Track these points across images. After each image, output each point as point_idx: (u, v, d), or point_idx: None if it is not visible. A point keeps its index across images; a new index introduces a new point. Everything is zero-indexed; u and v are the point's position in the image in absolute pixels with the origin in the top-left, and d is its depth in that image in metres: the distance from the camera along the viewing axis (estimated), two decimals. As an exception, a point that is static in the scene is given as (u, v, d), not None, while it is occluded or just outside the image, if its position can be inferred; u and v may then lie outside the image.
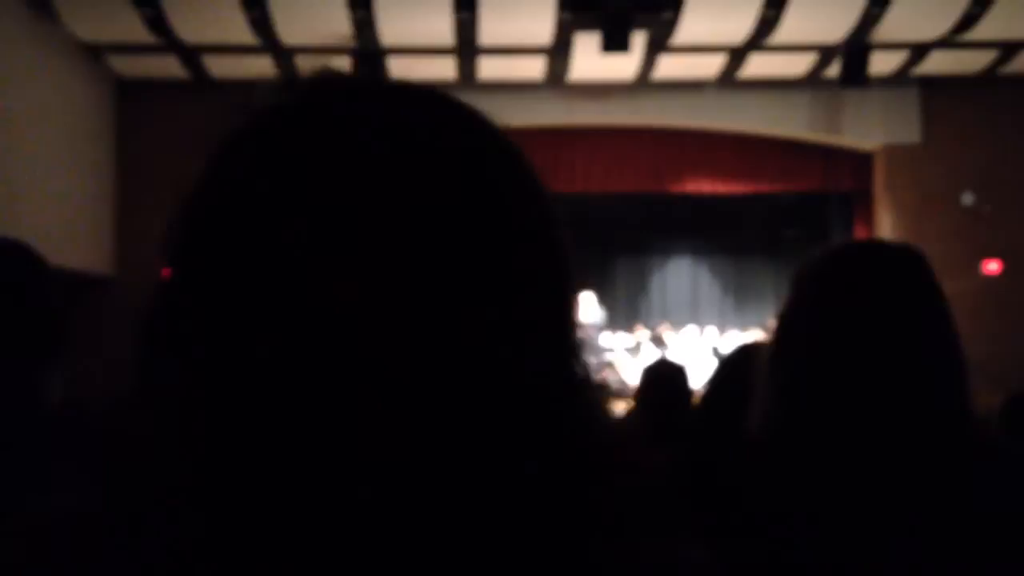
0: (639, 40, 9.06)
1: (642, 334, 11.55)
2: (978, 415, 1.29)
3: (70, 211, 9.16)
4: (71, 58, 9.30)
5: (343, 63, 10.21)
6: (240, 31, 8.85)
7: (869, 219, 11.49)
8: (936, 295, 1.27)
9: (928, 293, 1.27)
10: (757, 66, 10.11)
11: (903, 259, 1.29)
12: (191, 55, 9.68)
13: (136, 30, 8.78)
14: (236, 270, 0.51)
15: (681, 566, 0.59)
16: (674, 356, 9.22)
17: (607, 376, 10.11)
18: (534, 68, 9.95)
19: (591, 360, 0.58)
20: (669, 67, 10.13)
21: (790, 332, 1.30)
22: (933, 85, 10.76)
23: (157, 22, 8.60)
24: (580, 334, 0.56)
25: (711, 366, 3.03)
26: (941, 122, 10.89)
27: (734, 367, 2.27)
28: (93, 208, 9.92)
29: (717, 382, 2.34)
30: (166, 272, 0.53)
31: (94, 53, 9.63)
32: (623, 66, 9.87)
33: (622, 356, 11.01)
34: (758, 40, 9.31)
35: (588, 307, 10.51)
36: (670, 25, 8.91)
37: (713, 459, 1.36)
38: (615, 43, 8.52)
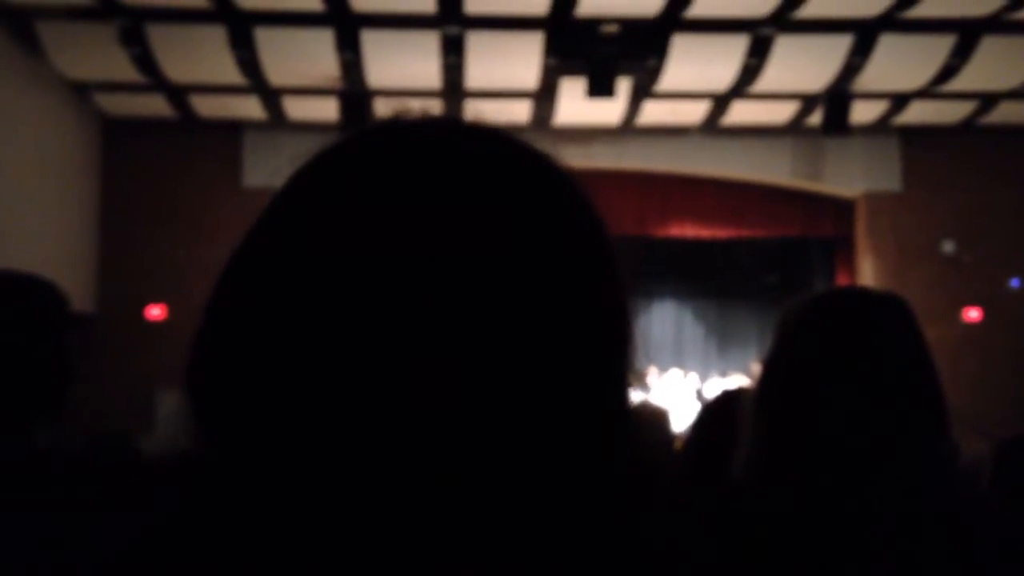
0: (624, 86, 9.16)
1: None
2: (962, 461, 1.29)
3: (53, 248, 9.12)
4: (58, 96, 9.32)
5: (330, 104, 10.30)
6: (228, 71, 8.89)
7: (851, 266, 11.57)
8: (919, 342, 1.27)
9: (910, 340, 1.27)
10: (740, 113, 10.22)
11: (886, 306, 1.30)
12: (178, 94, 9.71)
13: (123, 69, 8.81)
14: (299, 303, 0.53)
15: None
16: (657, 399, 9.22)
17: None
18: (520, 112, 10.03)
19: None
20: (653, 113, 10.24)
21: (774, 378, 1.30)
22: (913, 134, 10.91)
23: (144, 61, 8.63)
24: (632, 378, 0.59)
25: (694, 410, 3.04)
26: (921, 171, 11.03)
27: (717, 413, 2.26)
28: (76, 246, 9.89)
29: (700, 427, 2.34)
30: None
31: (81, 91, 9.65)
32: (608, 111, 9.96)
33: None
34: (741, 88, 9.43)
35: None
36: (655, 72, 9.01)
37: (695, 504, 1.36)
38: (600, 89, 8.60)
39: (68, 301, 1.63)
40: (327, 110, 9.54)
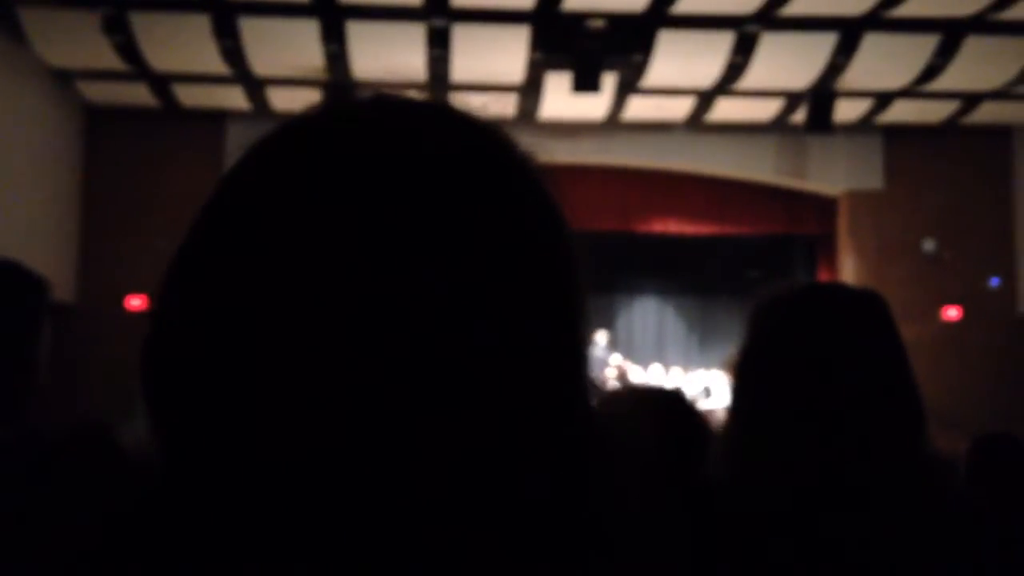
0: (609, 81, 9.17)
1: (609, 372, 11.58)
2: (940, 460, 1.30)
3: (33, 237, 9.05)
4: (40, 84, 9.24)
5: (314, 96, 10.26)
6: (212, 60, 8.84)
7: (832, 263, 11.63)
8: (895, 340, 1.28)
9: (887, 338, 1.28)
10: (725, 110, 10.25)
11: (863, 303, 1.31)
12: (161, 83, 9.65)
13: (107, 57, 8.75)
14: (254, 271, 0.51)
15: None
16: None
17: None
18: (505, 106, 10.02)
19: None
20: (638, 109, 10.25)
21: (750, 375, 1.30)
22: (896, 133, 10.97)
23: (128, 50, 8.58)
24: (588, 366, 0.57)
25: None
26: (903, 170, 11.09)
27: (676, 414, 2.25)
28: (56, 235, 9.82)
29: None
30: (144, 299, 0.53)
31: (64, 79, 9.58)
32: (593, 106, 9.97)
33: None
34: (726, 85, 9.45)
35: (596, 343, 11.29)
36: (640, 68, 9.02)
37: (669, 503, 1.36)
38: (586, 84, 8.61)
39: (50, 289, 1.64)
40: (311, 101, 9.49)
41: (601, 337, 11.66)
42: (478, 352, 0.51)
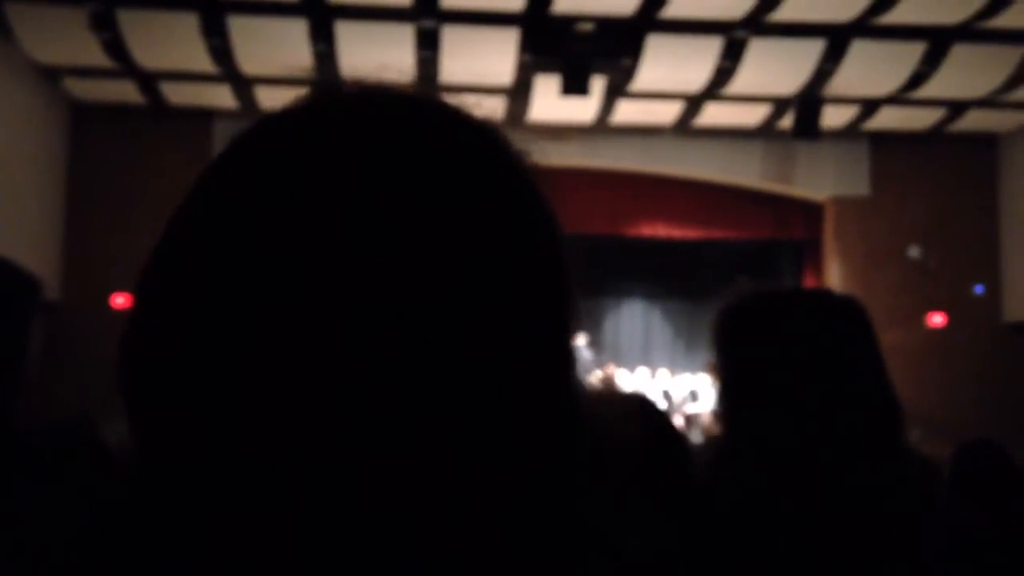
0: (598, 85, 9.18)
1: (594, 375, 11.59)
2: (924, 461, 1.31)
3: (17, 234, 9.00)
4: (27, 80, 9.19)
5: (302, 94, 10.28)
6: (199, 59, 8.82)
7: (818, 268, 11.68)
8: (872, 343, 1.29)
9: (865, 341, 1.28)
10: (712, 115, 10.28)
11: (842, 307, 1.31)
12: (149, 81, 9.62)
13: (94, 54, 8.71)
14: (238, 271, 0.50)
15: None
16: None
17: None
18: (494, 108, 10.01)
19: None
20: (627, 112, 10.27)
21: (735, 379, 1.31)
22: (883, 140, 11.02)
23: (115, 47, 8.54)
24: (576, 368, 0.56)
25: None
26: (890, 176, 11.15)
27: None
28: (41, 232, 9.76)
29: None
30: (127, 295, 0.51)
31: (51, 76, 9.53)
32: (582, 110, 9.98)
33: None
34: (714, 89, 9.48)
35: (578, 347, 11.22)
36: (629, 71, 9.04)
37: (660, 503, 1.36)
38: (574, 87, 8.62)
39: (42, 289, 1.64)
40: (299, 101, 9.49)
41: (582, 340, 11.68)
42: (470, 351, 0.50)
